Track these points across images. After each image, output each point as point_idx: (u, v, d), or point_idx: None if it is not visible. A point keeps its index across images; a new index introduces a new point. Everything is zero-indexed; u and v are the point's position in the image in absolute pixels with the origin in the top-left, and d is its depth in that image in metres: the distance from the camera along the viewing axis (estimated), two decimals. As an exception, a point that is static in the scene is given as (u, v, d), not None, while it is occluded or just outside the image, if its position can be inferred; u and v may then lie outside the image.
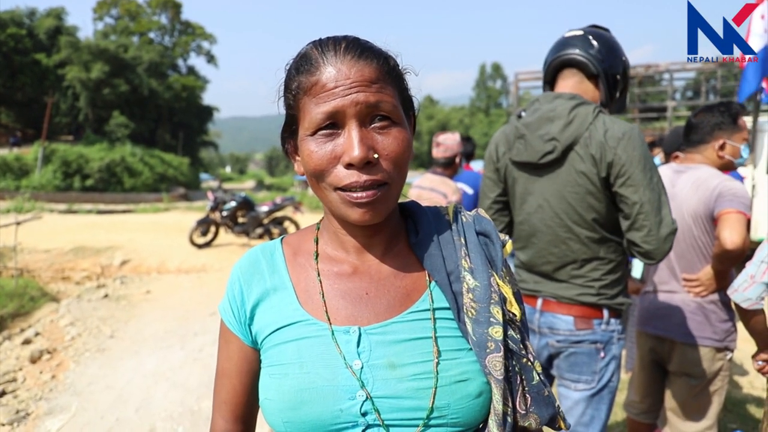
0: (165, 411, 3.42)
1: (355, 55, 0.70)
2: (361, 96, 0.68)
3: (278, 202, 9.83)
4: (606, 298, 1.69)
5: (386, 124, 0.70)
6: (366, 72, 0.69)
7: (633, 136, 1.59)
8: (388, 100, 0.70)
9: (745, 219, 1.95)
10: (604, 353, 1.69)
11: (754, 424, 3.05)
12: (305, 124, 0.72)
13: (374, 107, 0.69)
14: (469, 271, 0.74)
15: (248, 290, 0.80)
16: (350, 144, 0.68)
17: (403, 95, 0.76)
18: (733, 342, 2.07)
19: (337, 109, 0.68)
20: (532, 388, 0.73)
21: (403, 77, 0.77)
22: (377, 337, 0.73)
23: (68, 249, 8.84)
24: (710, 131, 2.12)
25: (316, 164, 0.70)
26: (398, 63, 0.76)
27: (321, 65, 0.70)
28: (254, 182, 49.17)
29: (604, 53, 1.70)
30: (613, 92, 1.73)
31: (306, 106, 0.71)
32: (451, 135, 3.44)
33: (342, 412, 0.70)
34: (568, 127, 1.64)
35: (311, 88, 0.70)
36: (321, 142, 0.70)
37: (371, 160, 0.68)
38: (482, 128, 55.87)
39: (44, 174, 24.26)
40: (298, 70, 0.73)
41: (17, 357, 4.35)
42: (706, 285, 2.06)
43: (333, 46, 0.71)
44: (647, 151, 1.61)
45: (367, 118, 0.70)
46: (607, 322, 1.69)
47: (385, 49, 0.75)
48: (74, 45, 33.28)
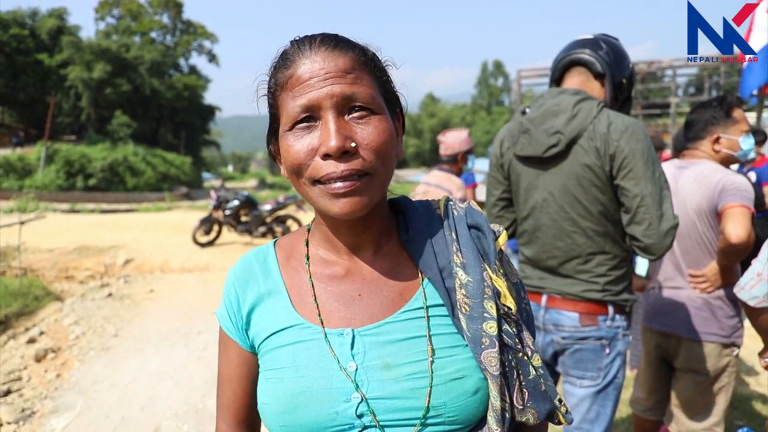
0: (170, 409, 3.42)
1: (330, 46, 0.70)
2: (337, 87, 0.67)
3: (281, 201, 9.85)
4: (611, 294, 1.68)
5: (365, 114, 0.69)
6: (341, 62, 0.69)
7: (636, 129, 1.59)
8: (365, 91, 0.69)
9: (749, 213, 1.94)
10: (609, 349, 1.69)
11: (761, 421, 3.04)
12: (283, 120, 0.71)
13: (350, 98, 0.68)
14: (461, 266, 0.73)
15: (243, 296, 0.80)
16: (326, 134, 0.67)
17: (384, 88, 0.74)
18: (739, 338, 2.06)
19: (312, 102, 0.68)
20: (529, 383, 0.72)
21: (385, 71, 0.76)
22: (371, 338, 0.72)
23: (72, 248, 8.86)
24: (704, 127, 2.13)
25: (294, 158, 0.69)
26: (377, 56, 0.75)
27: (296, 59, 0.70)
28: (256, 181, 49.20)
29: (612, 56, 1.72)
30: (618, 95, 1.75)
31: (283, 102, 0.71)
32: (455, 132, 3.46)
33: (338, 415, 0.69)
34: (573, 121, 1.64)
35: (287, 83, 0.70)
36: (299, 136, 0.69)
37: (349, 149, 0.66)
38: (484, 126, 55.80)
39: (47, 174, 24.32)
40: (275, 67, 0.73)
41: (22, 356, 4.36)
42: (711, 280, 2.05)
43: (308, 41, 0.71)
44: (650, 145, 1.60)
45: (344, 108, 0.68)
46: (612, 318, 1.69)
47: (364, 42, 0.74)
48: (76, 45, 33.35)
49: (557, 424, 0.76)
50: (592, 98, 1.67)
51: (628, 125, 1.59)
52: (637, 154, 1.56)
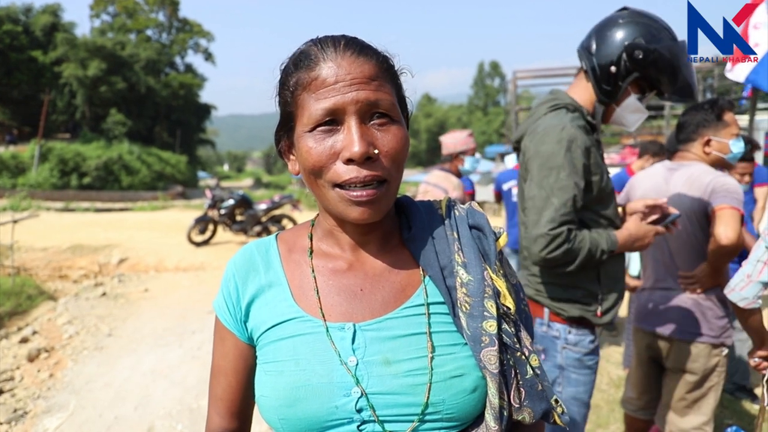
0: (164, 409, 3.42)
1: (355, 51, 0.70)
2: (362, 94, 0.68)
3: (276, 200, 9.85)
4: (545, 297, 1.64)
5: (385, 122, 0.70)
6: (366, 69, 0.70)
7: (548, 132, 1.52)
8: (387, 98, 0.71)
9: (739, 214, 1.96)
10: (544, 355, 1.62)
11: (750, 420, 3.07)
12: (303, 120, 0.71)
13: (374, 105, 0.69)
14: (463, 265, 0.74)
15: (243, 287, 0.80)
16: (351, 139, 0.68)
17: (399, 94, 0.76)
18: (729, 338, 2.08)
19: (337, 106, 0.68)
20: (526, 382, 0.73)
21: (399, 77, 0.77)
22: (372, 333, 0.73)
23: (65, 247, 8.82)
24: (695, 129, 2.15)
25: (315, 160, 0.70)
26: (395, 63, 0.76)
27: (321, 61, 0.70)
28: (252, 180, 49.11)
29: (597, 43, 1.58)
30: (607, 83, 1.57)
31: (304, 102, 0.71)
32: (454, 133, 3.52)
33: (337, 409, 0.70)
34: (526, 122, 1.70)
35: (310, 84, 0.70)
36: (320, 138, 0.70)
37: (371, 156, 0.68)
38: (480, 126, 55.88)
39: (41, 172, 24.17)
40: (296, 66, 0.73)
41: (15, 355, 4.34)
42: (702, 281, 2.07)
43: (332, 44, 0.71)
44: (559, 152, 1.50)
45: (366, 115, 0.70)
46: (548, 325, 1.62)
47: (383, 49, 0.75)
48: (71, 42, 33.11)
49: (552, 424, 0.77)
50: (557, 100, 1.64)
51: (547, 128, 1.54)
52: (536, 157, 1.54)
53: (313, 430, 0.71)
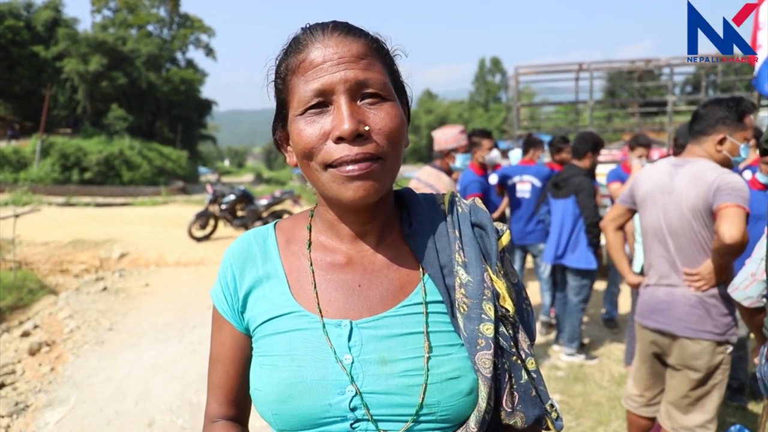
0: (164, 403, 3.42)
1: (343, 32, 0.70)
2: (351, 73, 0.67)
3: (277, 196, 9.86)
4: None
5: (376, 100, 0.69)
6: (354, 48, 0.69)
7: None
8: (378, 77, 0.69)
9: (744, 213, 1.94)
10: None
11: (753, 418, 3.06)
12: (294, 105, 0.71)
13: (363, 84, 0.68)
14: (463, 265, 0.73)
15: (241, 277, 0.79)
16: (340, 117, 0.66)
17: (393, 77, 0.75)
18: (733, 336, 2.07)
19: (325, 86, 0.67)
20: (520, 387, 0.71)
21: (393, 60, 0.76)
22: (369, 331, 0.72)
23: (67, 242, 8.82)
24: (713, 124, 2.10)
25: (306, 142, 0.69)
26: (387, 44, 0.75)
27: (309, 44, 0.70)
28: (253, 176, 49.08)
29: None
30: None
31: (295, 86, 0.70)
32: (446, 129, 3.36)
33: (331, 407, 0.69)
34: None
35: (299, 66, 0.70)
36: (310, 120, 0.69)
37: (362, 133, 0.66)
38: (481, 123, 55.73)
39: (42, 167, 24.15)
40: (286, 53, 0.73)
41: (16, 349, 4.35)
42: (706, 279, 2.06)
43: (321, 27, 0.71)
44: None
45: (357, 94, 0.68)
46: None
47: (374, 31, 0.74)
48: (72, 37, 33.04)
49: (546, 430, 0.75)
50: None
51: None
52: None
53: (306, 426, 0.70)
